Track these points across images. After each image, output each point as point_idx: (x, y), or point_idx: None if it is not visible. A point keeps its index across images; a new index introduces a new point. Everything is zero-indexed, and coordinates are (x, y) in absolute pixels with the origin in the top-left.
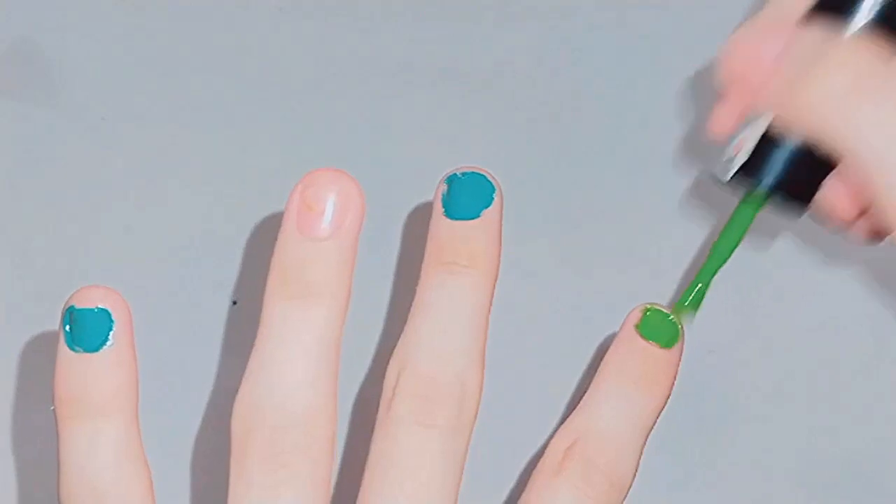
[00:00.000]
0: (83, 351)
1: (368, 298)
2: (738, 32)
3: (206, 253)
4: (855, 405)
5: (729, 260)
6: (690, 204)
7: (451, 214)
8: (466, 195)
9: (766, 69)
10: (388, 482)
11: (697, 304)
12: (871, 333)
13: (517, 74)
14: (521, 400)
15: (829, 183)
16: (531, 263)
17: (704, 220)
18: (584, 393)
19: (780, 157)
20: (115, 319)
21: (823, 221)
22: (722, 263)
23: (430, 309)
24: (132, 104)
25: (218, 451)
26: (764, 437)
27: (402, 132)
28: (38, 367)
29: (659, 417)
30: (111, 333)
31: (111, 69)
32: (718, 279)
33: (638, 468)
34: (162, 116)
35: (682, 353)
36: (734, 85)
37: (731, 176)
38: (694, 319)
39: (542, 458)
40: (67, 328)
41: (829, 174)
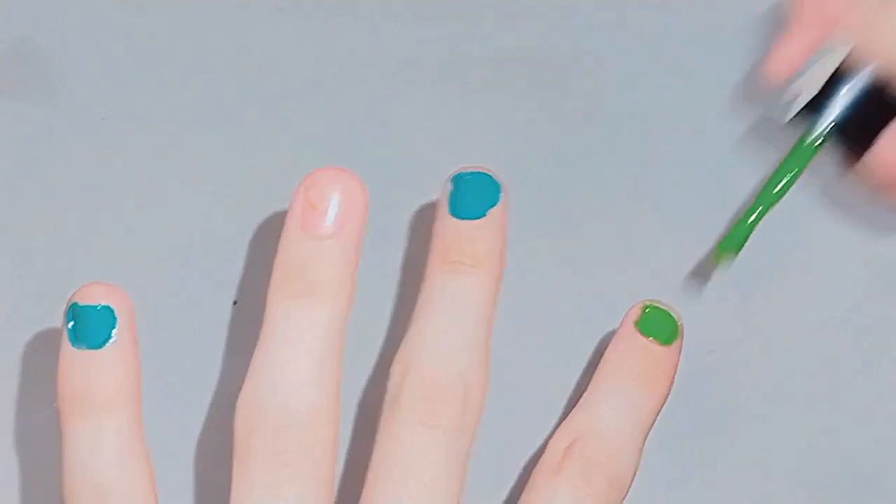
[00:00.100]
0: (86, 348)
1: (370, 298)
2: None
3: (206, 253)
4: (855, 405)
5: (777, 203)
6: (691, 203)
7: (456, 213)
8: (472, 194)
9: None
10: (391, 482)
11: (740, 245)
12: (871, 333)
13: (518, 74)
14: (520, 400)
15: (888, 132)
16: (531, 263)
17: (704, 220)
18: (583, 392)
19: (848, 94)
20: (118, 316)
21: (867, 178)
22: (773, 204)
23: (434, 308)
24: (132, 104)
25: (219, 450)
26: (764, 437)
27: (402, 132)
28: (38, 367)
29: (658, 415)
30: (114, 330)
31: (111, 69)
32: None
33: (638, 467)
34: (162, 116)
35: (681, 349)
36: (805, 17)
37: (793, 115)
38: (733, 263)
39: (541, 457)
40: (70, 325)
41: (892, 119)
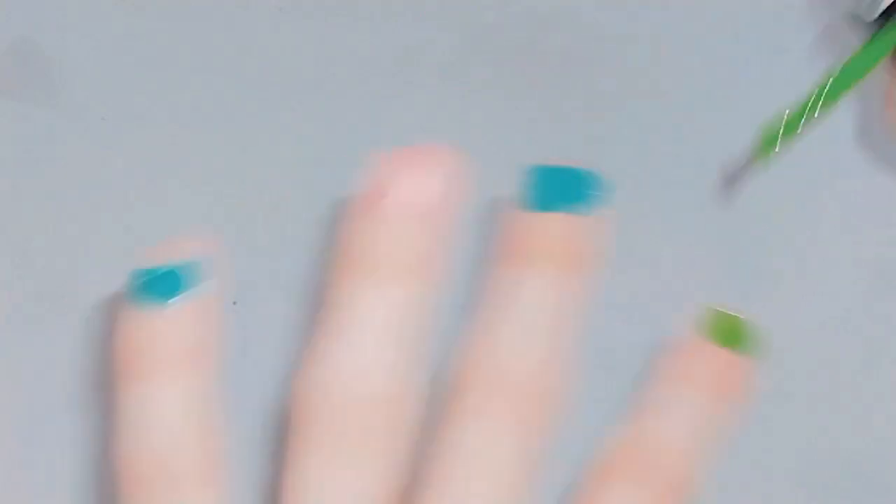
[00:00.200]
0: (157, 305)
1: None
2: None
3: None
4: (855, 405)
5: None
6: (692, 203)
7: (539, 207)
8: (559, 189)
9: None
10: (454, 477)
11: (789, 135)
12: (871, 333)
13: (518, 74)
14: None
15: None
16: None
17: (705, 220)
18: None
19: None
20: (195, 273)
21: None
22: (847, 89)
23: (512, 303)
24: (132, 104)
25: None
26: (764, 437)
27: (402, 132)
28: (38, 367)
29: (728, 430)
30: (190, 288)
31: (111, 69)
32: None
33: (702, 481)
34: (162, 116)
35: (757, 360)
36: None
37: (881, 11)
38: (772, 159)
39: (598, 458)
40: (143, 280)
41: None
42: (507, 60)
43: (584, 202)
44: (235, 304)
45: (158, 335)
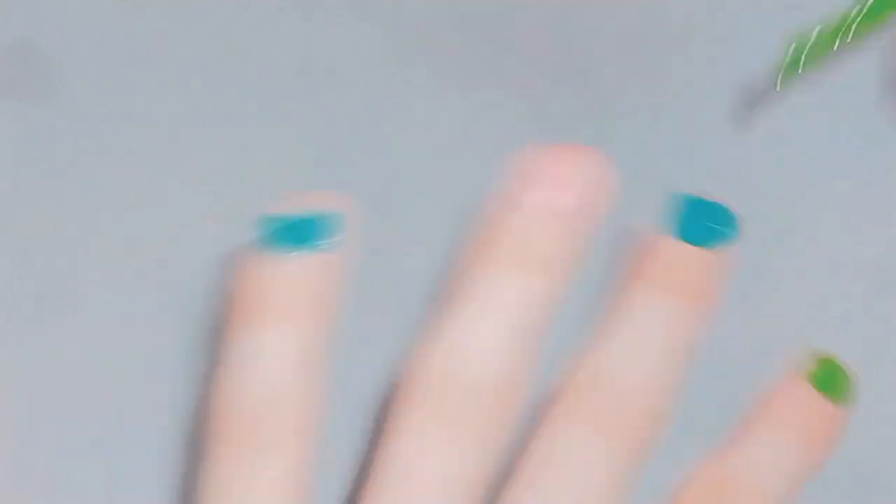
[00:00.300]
0: (284, 252)
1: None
2: None
3: (206, 253)
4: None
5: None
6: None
7: (682, 237)
8: (704, 223)
9: None
10: (548, 484)
11: (812, 63)
12: (871, 333)
13: (518, 74)
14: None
15: None
16: None
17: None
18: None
19: None
20: (325, 227)
21: None
22: (890, 10)
23: (642, 327)
24: (132, 104)
25: None
26: None
27: (402, 132)
28: (38, 367)
29: (807, 480)
30: (327, 238)
31: (111, 69)
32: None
33: None
34: (162, 116)
35: (849, 414)
36: None
37: None
38: (792, 83)
39: (680, 487)
40: (274, 227)
41: None
42: (508, 61)
43: (722, 239)
44: None
45: (280, 282)
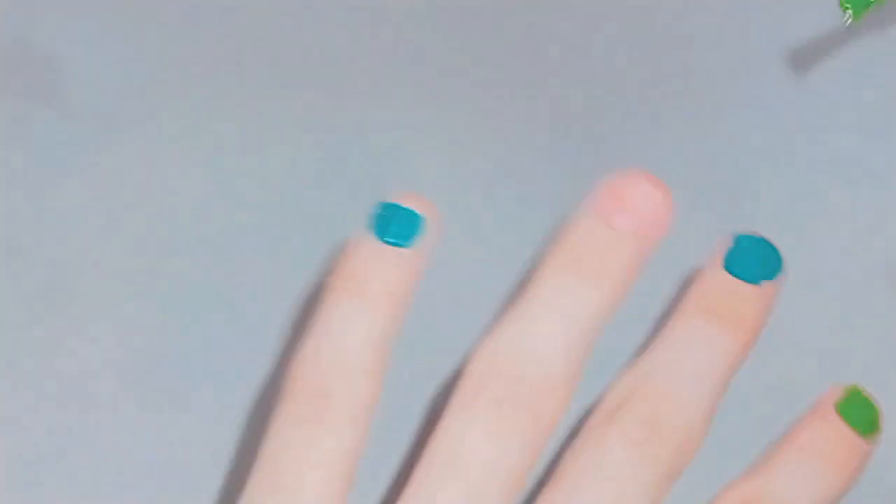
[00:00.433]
0: (387, 242)
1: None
2: None
3: (207, 253)
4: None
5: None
6: (693, 203)
7: (732, 271)
8: (753, 260)
9: None
10: (583, 495)
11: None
12: (871, 333)
13: (519, 74)
14: None
15: None
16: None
17: (706, 221)
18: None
19: None
20: (426, 229)
21: None
22: None
23: (685, 350)
24: (132, 104)
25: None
26: (765, 436)
27: (402, 131)
28: (37, 367)
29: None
30: (418, 238)
31: (111, 69)
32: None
33: None
34: (162, 116)
35: (875, 446)
36: None
37: None
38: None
39: None
40: (382, 220)
41: None
42: (508, 61)
43: (768, 276)
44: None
45: (375, 265)
